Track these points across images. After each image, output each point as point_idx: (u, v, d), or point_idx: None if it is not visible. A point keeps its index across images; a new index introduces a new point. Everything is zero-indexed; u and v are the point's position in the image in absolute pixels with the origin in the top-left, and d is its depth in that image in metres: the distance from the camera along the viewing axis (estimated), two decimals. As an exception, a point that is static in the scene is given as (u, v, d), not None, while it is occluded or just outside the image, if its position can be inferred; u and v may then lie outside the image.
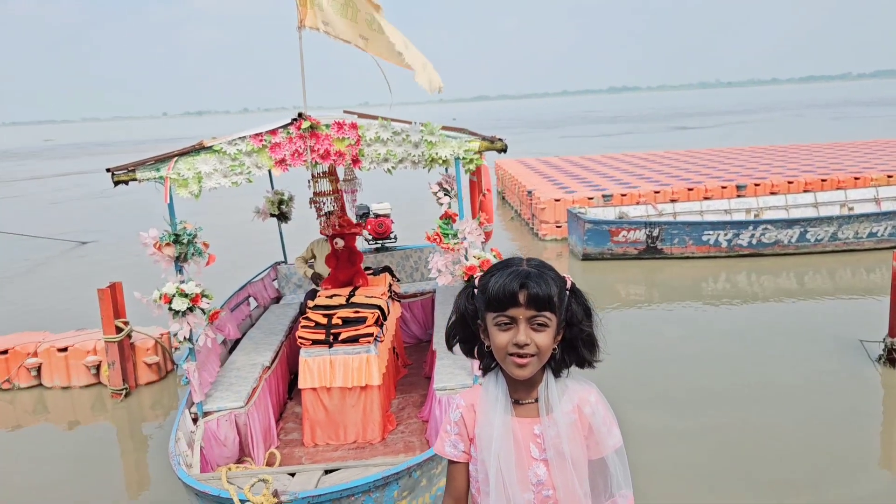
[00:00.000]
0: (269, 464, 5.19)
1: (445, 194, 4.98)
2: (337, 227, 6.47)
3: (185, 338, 4.76)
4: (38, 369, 7.15)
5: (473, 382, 5.03)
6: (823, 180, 13.16)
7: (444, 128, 4.85)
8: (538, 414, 1.83)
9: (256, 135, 4.65)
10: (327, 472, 3.87)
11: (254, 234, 11.86)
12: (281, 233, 8.22)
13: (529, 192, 14.01)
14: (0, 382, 7.10)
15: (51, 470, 5.71)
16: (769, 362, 7.02)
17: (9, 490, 5.46)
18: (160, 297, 4.65)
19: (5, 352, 7.09)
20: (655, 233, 10.95)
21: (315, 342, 5.58)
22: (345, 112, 6.44)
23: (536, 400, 1.85)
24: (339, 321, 5.63)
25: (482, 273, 1.86)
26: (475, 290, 1.85)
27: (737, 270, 10.62)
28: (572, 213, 11.78)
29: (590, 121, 71.41)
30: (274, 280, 8.11)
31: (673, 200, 12.91)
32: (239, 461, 5.18)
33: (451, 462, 1.92)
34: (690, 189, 13.07)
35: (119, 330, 6.71)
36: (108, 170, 4.66)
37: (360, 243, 9.39)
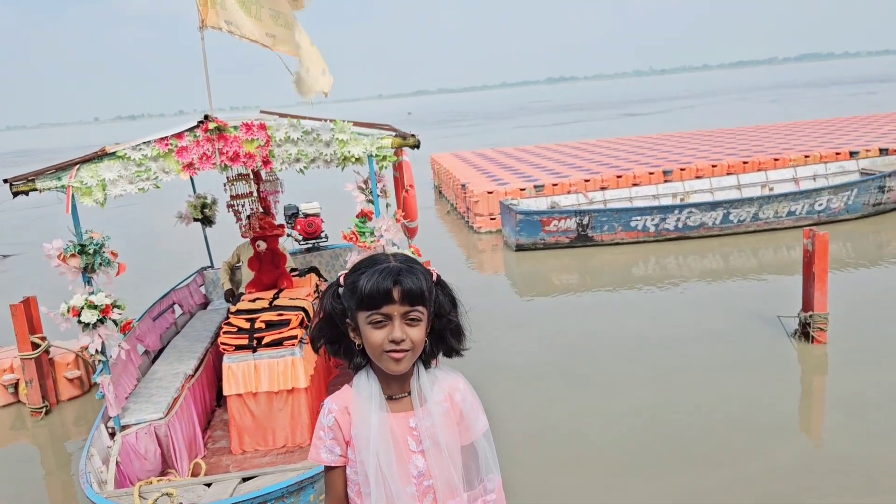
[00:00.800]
0: (195, 474, 5.09)
1: (361, 192, 4.94)
2: (258, 230, 6.37)
3: (96, 350, 4.62)
4: (-48, 390, 6.85)
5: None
6: (745, 163, 13.58)
7: (357, 124, 4.82)
8: (412, 407, 1.85)
9: (162, 139, 4.53)
10: (245, 479, 3.82)
11: (179, 240, 11.59)
12: (206, 237, 8.07)
13: (463, 186, 14.07)
14: None
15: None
16: (691, 342, 7.22)
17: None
18: (68, 311, 4.50)
19: (-86, 373, 6.77)
20: (585, 221, 11.13)
21: (238, 347, 5.48)
22: (261, 112, 6.35)
23: (409, 393, 1.86)
24: (263, 325, 5.54)
25: (347, 272, 1.83)
26: (340, 290, 1.83)
27: (665, 254, 10.89)
28: (504, 205, 11.88)
29: (533, 111, 72.00)
30: (201, 286, 7.94)
31: (603, 188, 13.14)
32: (163, 474, 5.07)
33: (327, 468, 1.90)
34: (619, 176, 13.33)
35: (35, 346, 6.48)
36: (5, 180, 4.48)
37: (291, 244, 9.30)
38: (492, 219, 13.04)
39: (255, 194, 6.23)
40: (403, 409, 1.86)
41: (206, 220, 7.84)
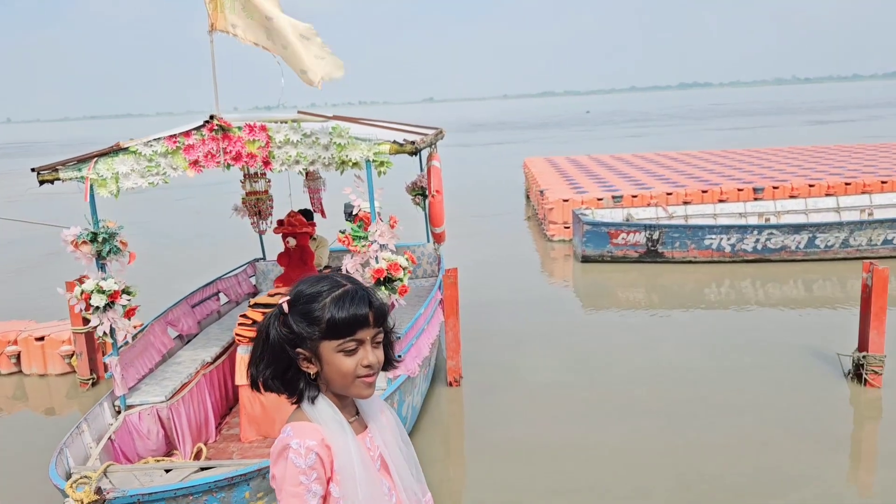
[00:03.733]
0: (196, 457, 5.33)
1: (358, 196, 4.97)
2: (289, 227, 6.56)
3: (104, 332, 4.91)
4: (18, 357, 7.49)
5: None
6: (847, 184, 12.56)
7: (403, 124, 4.86)
8: (364, 427, 1.82)
9: (171, 136, 4.75)
10: (203, 469, 3.95)
11: (236, 232, 11.97)
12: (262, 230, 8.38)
13: (541, 192, 13.85)
14: (-17, 368, 7.48)
15: (22, 455, 5.94)
16: (742, 373, 6.77)
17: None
18: (80, 294, 4.81)
19: (-13, 339, 7.47)
20: (656, 236, 10.68)
21: (251, 339, 5.67)
22: (299, 112, 6.53)
23: (357, 414, 1.83)
24: (277, 319, 5.70)
25: (294, 301, 1.72)
26: (289, 319, 1.71)
27: (740, 277, 10.27)
28: (575, 215, 11.60)
29: (656, 118, 69.88)
30: (251, 276, 8.25)
31: (686, 202, 12.56)
32: (168, 454, 5.33)
33: None
34: (705, 191, 12.69)
35: (86, 322, 6.95)
36: (32, 169, 4.85)
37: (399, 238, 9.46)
38: (566, 227, 12.77)
39: (270, 192, 6.39)
40: (359, 431, 1.80)
41: (260, 214, 8.14)
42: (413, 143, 4.85)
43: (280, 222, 6.66)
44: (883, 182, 12.52)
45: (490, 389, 6.73)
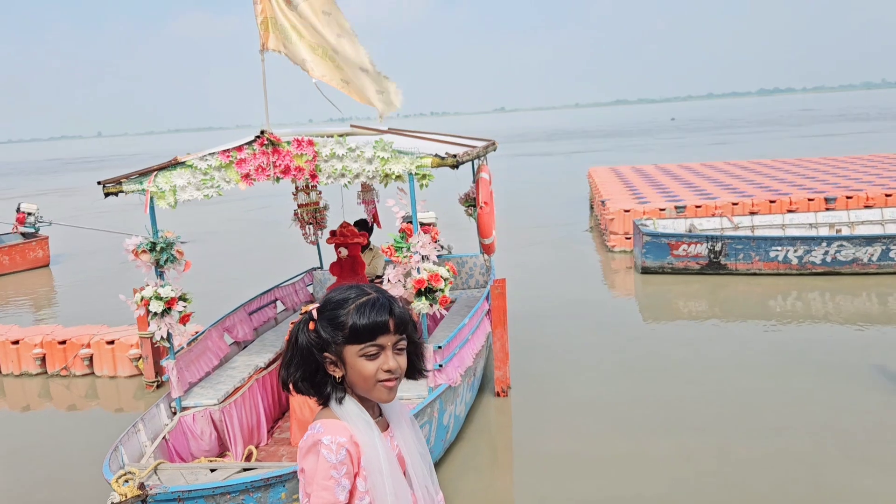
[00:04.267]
0: (248, 459, 5.53)
1: (402, 208, 5.08)
2: (341, 238, 6.74)
3: (161, 337, 5.18)
4: (91, 359, 7.92)
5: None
6: (927, 193, 11.96)
7: (458, 136, 4.98)
8: (387, 427, 1.93)
9: (224, 151, 4.98)
10: (245, 469, 4.11)
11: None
12: (318, 240, 8.62)
13: (602, 202, 13.71)
14: (60, 369, 7.94)
15: (87, 451, 6.31)
16: (802, 392, 6.53)
17: (62, 465, 6.08)
18: (140, 300, 5.09)
19: (64, 342, 7.93)
20: (718, 247, 10.42)
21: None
22: (352, 126, 6.72)
23: (381, 414, 1.94)
24: (327, 327, 5.87)
25: (323, 308, 1.85)
26: (318, 324, 1.84)
27: (809, 290, 9.91)
28: (635, 225, 11.43)
29: (732, 125, 67.98)
30: (309, 285, 8.49)
31: (752, 213, 12.20)
32: (221, 455, 5.56)
33: None
34: (773, 201, 12.29)
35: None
36: (99, 182, 5.16)
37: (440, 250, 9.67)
38: (627, 238, 12.60)
39: (321, 204, 6.58)
40: (382, 429, 1.90)
41: (318, 224, 8.38)
42: (455, 156, 4.93)
43: (332, 233, 6.84)
44: (966, 191, 11.86)
45: (538, 400, 6.72)
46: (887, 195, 12.08)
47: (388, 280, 4.98)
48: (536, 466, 5.53)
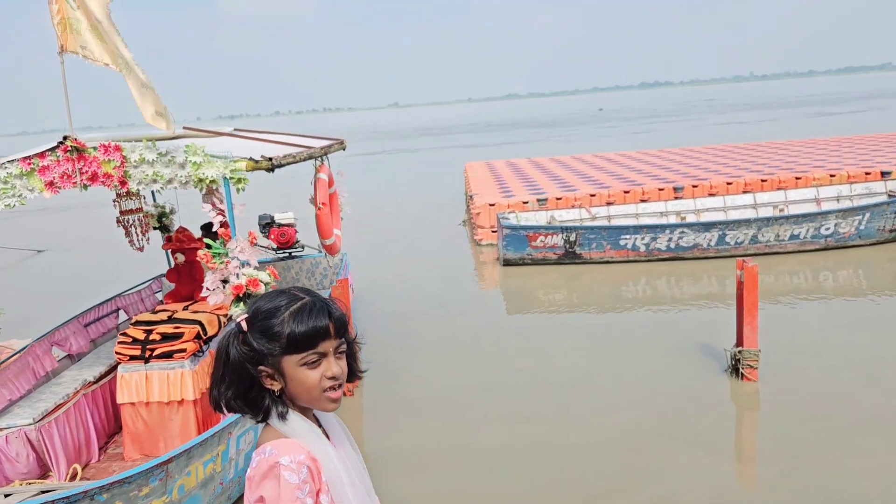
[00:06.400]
0: (72, 478, 5.31)
1: (219, 214, 5.01)
2: (177, 243, 6.56)
3: (-37, 357, 4.88)
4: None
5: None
6: (763, 181, 12.89)
7: (306, 136, 4.90)
8: (328, 438, 1.81)
9: (25, 158, 4.75)
10: (43, 491, 3.95)
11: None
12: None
13: (471, 196, 13.97)
14: None
15: None
16: (634, 372, 6.93)
17: None
18: (-60, 317, 4.78)
19: None
20: (573, 238, 10.86)
21: (132, 357, 5.67)
22: (184, 128, 6.54)
23: (320, 425, 1.82)
24: (158, 336, 5.71)
25: (253, 318, 1.72)
26: (249, 336, 1.71)
27: (656, 275, 10.49)
28: (498, 218, 11.74)
29: (612, 119, 70.71)
30: (157, 292, 8.21)
31: (609, 203, 12.77)
32: (43, 477, 5.30)
33: None
34: (627, 192, 12.92)
35: (-24, 344, 6.86)
36: None
37: (264, 253, 9.53)
38: (493, 231, 12.91)
39: (143, 210, 6.40)
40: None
41: (164, 229, 8.10)
42: (270, 159, 4.90)
43: (168, 238, 6.65)
44: (797, 178, 12.87)
45: (385, 397, 6.81)
46: (728, 183, 12.94)
47: (207, 287, 4.90)
48: (382, 463, 5.60)
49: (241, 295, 4.82)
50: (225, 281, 4.88)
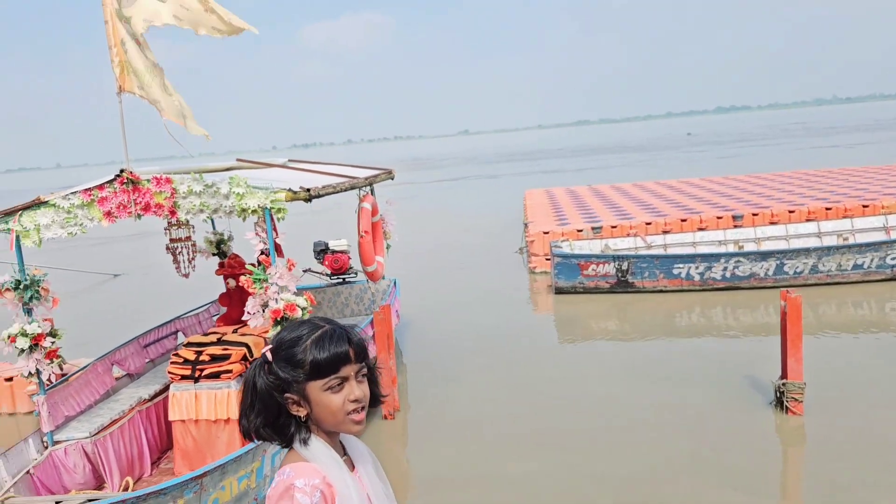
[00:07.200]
0: (124, 490, 5.63)
1: (261, 241, 5.27)
2: (228, 268, 6.90)
3: (30, 372, 5.28)
4: (-10, 397, 7.94)
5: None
6: (828, 209, 12.49)
7: (358, 166, 5.18)
8: (353, 466, 1.90)
9: (86, 190, 5.14)
10: (90, 501, 4.23)
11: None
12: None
13: (525, 224, 14.04)
14: (-41, 408, 7.94)
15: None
16: (676, 401, 6.84)
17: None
18: (7, 337, 5.20)
19: (-38, 381, 7.93)
20: (625, 266, 10.78)
21: (183, 377, 5.99)
22: (237, 160, 6.92)
23: (345, 453, 1.90)
24: (208, 357, 6.01)
25: (277, 348, 1.82)
26: (274, 366, 1.81)
27: (711, 305, 10.29)
28: (552, 247, 11.77)
29: (691, 143, 69.49)
30: (215, 315, 8.60)
31: (665, 231, 12.63)
32: (99, 488, 5.65)
33: None
34: (684, 220, 12.74)
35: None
36: (-41, 223, 5.27)
37: (319, 279, 9.86)
38: (547, 259, 12.93)
39: (192, 238, 6.75)
40: (350, 469, 1.88)
41: (223, 255, 8.52)
42: (308, 190, 5.15)
43: (221, 265, 7.00)
44: (864, 206, 12.42)
45: (427, 422, 6.92)
46: (790, 211, 12.60)
47: (248, 311, 5.16)
48: (414, 489, 5.71)
49: (279, 319, 5.05)
50: (265, 305, 5.13)
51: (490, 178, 43.04)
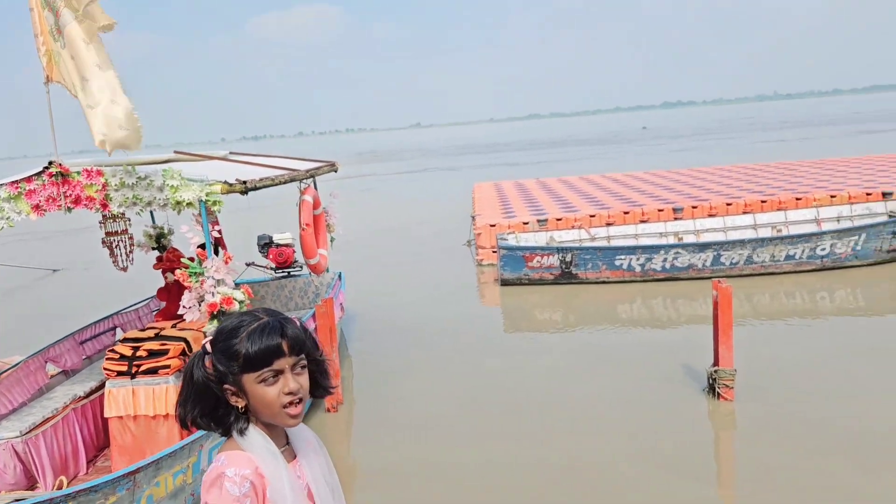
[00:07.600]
0: (58, 489, 5.50)
1: (196, 234, 5.22)
2: (167, 262, 6.79)
3: (-45, 372, 5.12)
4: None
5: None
6: (763, 202, 12.90)
7: (296, 158, 5.12)
8: (294, 456, 1.90)
9: (13, 182, 5.00)
10: (17, 500, 4.13)
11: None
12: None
13: (473, 217, 14.13)
14: None
15: None
16: (616, 395, 6.98)
17: None
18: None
19: None
20: (568, 258, 10.96)
21: (119, 374, 5.87)
22: (175, 153, 6.79)
23: (288, 443, 1.91)
24: (145, 353, 5.91)
25: (216, 339, 1.83)
26: (212, 357, 1.82)
27: (652, 295, 10.53)
28: (498, 239, 11.87)
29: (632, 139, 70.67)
30: (155, 311, 8.44)
31: (609, 224, 12.86)
32: (31, 488, 5.51)
33: None
34: (626, 212, 13.00)
35: (-23, 360, 7.12)
36: None
37: (263, 273, 9.76)
38: (493, 251, 13.03)
39: (129, 231, 6.64)
40: (289, 459, 1.88)
41: (162, 249, 8.36)
42: (244, 182, 5.11)
43: (159, 258, 6.89)
44: (797, 199, 12.87)
45: (369, 415, 6.94)
46: (728, 204, 12.97)
47: (184, 305, 5.10)
48: (360, 479, 5.73)
49: (215, 312, 5.01)
50: (202, 299, 5.08)
51: (449, 170, 43.11)
